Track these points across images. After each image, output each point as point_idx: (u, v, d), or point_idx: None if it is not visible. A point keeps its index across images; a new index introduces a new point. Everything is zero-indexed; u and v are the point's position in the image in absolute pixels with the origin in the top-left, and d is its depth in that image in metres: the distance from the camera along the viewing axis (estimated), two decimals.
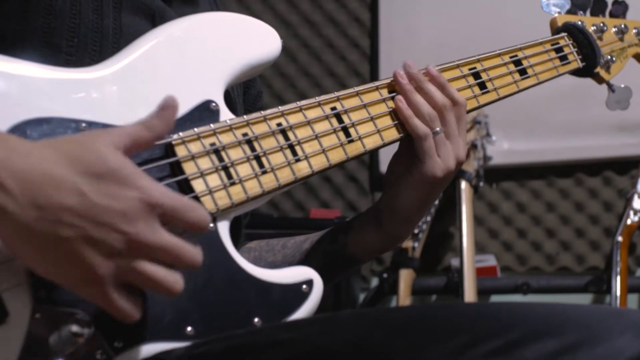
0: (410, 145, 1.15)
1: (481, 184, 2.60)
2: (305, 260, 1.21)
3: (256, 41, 1.09)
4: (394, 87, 1.17)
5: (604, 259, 2.69)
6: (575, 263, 2.73)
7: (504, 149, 2.71)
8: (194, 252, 0.85)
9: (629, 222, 2.53)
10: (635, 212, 2.53)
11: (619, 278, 2.45)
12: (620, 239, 2.51)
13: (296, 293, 1.02)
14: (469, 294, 2.40)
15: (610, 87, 1.41)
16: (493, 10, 2.73)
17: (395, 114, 1.15)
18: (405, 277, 2.61)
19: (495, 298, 2.72)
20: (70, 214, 0.79)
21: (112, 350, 0.89)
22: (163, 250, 0.83)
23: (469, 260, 2.44)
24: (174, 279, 0.84)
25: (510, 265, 2.78)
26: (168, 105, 0.89)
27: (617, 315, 0.89)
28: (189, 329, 0.94)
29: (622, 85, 1.41)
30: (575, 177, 2.74)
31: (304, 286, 1.02)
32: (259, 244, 1.30)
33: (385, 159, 2.84)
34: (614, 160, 2.70)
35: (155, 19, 1.11)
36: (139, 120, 0.88)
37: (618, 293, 2.44)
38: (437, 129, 1.13)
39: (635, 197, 2.54)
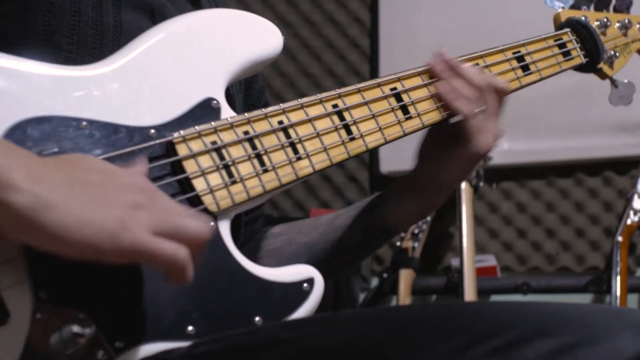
0: (453, 125, 1.19)
1: (481, 184, 2.60)
2: (343, 236, 1.24)
3: (258, 38, 1.09)
4: (395, 84, 1.16)
5: (604, 259, 2.69)
6: (575, 263, 2.73)
7: (504, 149, 2.70)
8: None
9: (629, 222, 2.53)
10: (635, 212, 2.53)
11: (619, 278, 2.45)
12: (620, 239, 2.51)
13: (297, 291, 1.01)
14: (469, 294, 2.40)
15: (614, 82, 1.41)
16: (493, 10, 2.73)
17: (403, 109, 1.16)
18: (405, 277, 2.62)
19: (495, 298, 2.72)
20: (97, 172, 0.83)
21: (113, 350, 0.89)
22: (182, 221, 0.85)
23: (469, 260, 2.44)
24: (199, 225, 0.86)
25: (510, 265, 2.78)
26: None
27: (616, 314, 0.89)
28: (190, 328, 0.94)
29: (626, 81, 1.41)
30: (575, 177, 2.75)
31: (305, 284, 1.02)
32: (285, 228, 1.31)
33: (385, 159, 2.85)
34: (614, 160, 2.70)
35: (155, 16, 1.11)
36: None
37: (618, 293, 2.44)
38: (479, 109, 1.18)
39: (635, 197, 2.54)
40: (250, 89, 1.31)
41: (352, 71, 2.94)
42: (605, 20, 1.40)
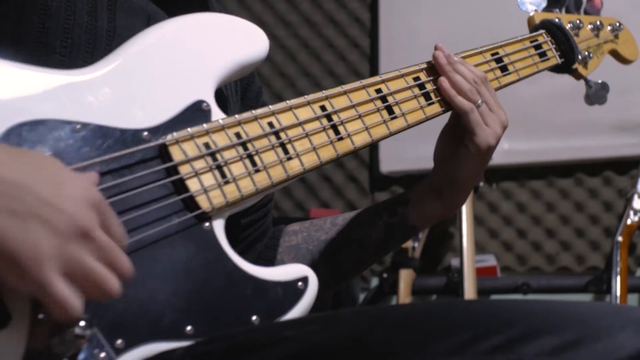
0: (457, 124, 1.22)
1: (481, 184, 2.60)
2: (364, 234, 1.26)
3: (244, 41, 1.10)
4: (380, 86, 1.18)
5: (604, 259, 2.70)
6: (575, 263, 2.73)
7: (504, 149, 2.71)
8: (127, 261, 0.85)
9: (629, 222, 2.54)
10: (635, 212, 2.53)
11: (619, 278, 2.46)
12: (620, 239, 2.52)
13: (292, 290, 1.02)
14: (469, 294, 2.40)
15: (588, 82, 1.43)
16: (493, 10, 2.73)
17: (388, 109, 1.17)
18: (405, 277, 2.62)
19: (495, 298, 2.72)
20: (19, 190, 0.78)
21: (113, 351, 0.89)
22: (107, 246, 0.82)
23: (469, 260, 2.45)
24: (114, 280, 0.83)
25: (510, 265, 2.78)
26: None
27: (617, 311, 0.89)
28: (189, 328, 0.94)
29: (600, 81, 1.43)
30: (575, 177, 2.75)
31: (300, 283, 1.03)
32: (303, 225, 1.33)
33: (385, 159, 2.85)
34: (614, 160, 2.70)
35: (150, 22, 1.11)
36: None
37: (618, 293, 2.44)
38: (479, 101, 1.20)
39: (635, 197, 2.54)
40: (248, 91, 1.32)
41: (352, 71, 2.95)
42: (577, 22, 1.42)
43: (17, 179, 0.79)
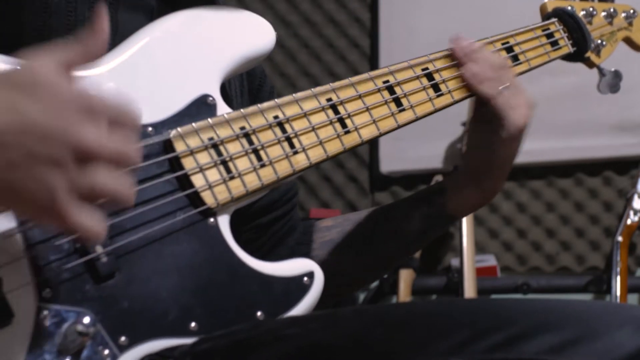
0: (483, 113, 1.21)
1: None
2: (402, 226, 1.25)
3: (250, 34, 1.10)
4: (388, 78, 1.17)
5: (604, 259, 2.70)
6: (575, 263, 2.73)
7: None
8: (135, 152, 0.82)
9: (629, 222, 2.54)
10: (635, 212, 2.53)
11: (619, 278, 2.46)
12: (620, 239, 2.51)
13: (298, 285, 1.02)
14: (469, 294, 2.40)
15: (601, 71, 1.42)
16: (493, 10, 2.73)
17: (396, 101, 1.16)
18: (405, 277, 2.62)
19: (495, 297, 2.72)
20: (7, 134, 0.75)
21: (117, 347, 0.89)
22: (110, 153, 0.79)
23: (469, 260, 2.45)
24: (127, 187, 0.80)
25: (510, 265, 2.78)
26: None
27: (616, 310, 0.90)
28: (193, 324, 0.94)
29: (613, 69, 1.42)
30: (575, 177, 2.75)
31: (305, 278, 1.03)
32: (336, 221, 1.32)
33: (385, 159, 2.85)
34: (614, 160, 2.70)
35: (153, 17, 1.11)
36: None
37: (618, 293, 2.44)
38: (504, 86, 1.20)
39: (635, 197, 2.54)
40: (261, 92, 1.32)
41: (352, 71, 2.94)
42: (591, 9, 1.41)
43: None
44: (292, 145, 1.05)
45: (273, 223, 1.30)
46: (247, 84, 1.28)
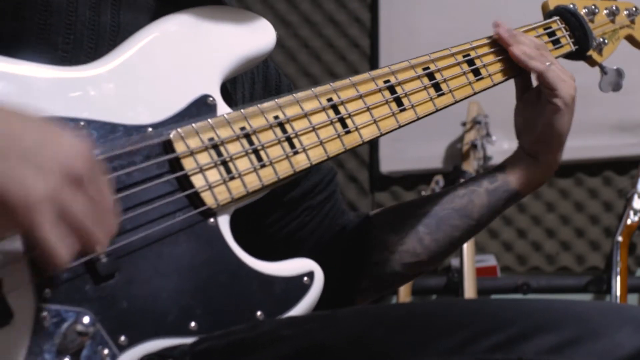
0: (530, 91, 1.30)
1: None
2: (467, 202, 1.29)
3: (251, 34, 1.10)
4: (389, 78, 1.17)
5: (604, 259, 2.70)
6: (575, 263, 2.73)
7: (504, 149, 2.70)
8: (115, 219, 0.84)
9: (629, 222, 2.54)
10: (635, 212, 2.53)
11: (619, 278, 2.46)
12: (620, 239, 2.52)
13: (297, 285, 1.02)
14: (469, 294, 2.40)
15: (603, 69, 1.42)
16: (493, 10, 2.73)
17: (397, 101, 1.16)
18: None
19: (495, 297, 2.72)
20: (10, 135, 0.78)
21: (117, 347, 0.89)
22: (97, 199, 0.81)
23: (469, 260, 2.45)
24: (101, 234, 0.82)
25: (510, 265, 2.78)
26: None
27: (616, 310, 0.90)
28: (193, 324, 0.94)
29: (615, 67, 1.42)
30: (575, 177, 2.75)
31: (305, 278, 1.03)
32: (394, 208, 1.35)
33: (385, 159, 2.85)
34: (614, 160, 2.70)
35: (155, 17, 1.10)
36: None
37: (618, 293, 2.44)
38: (549, 62, 1.27)
39: (635, 197, 2.54)
40: (280, 90, 1.31)
41: (352, 71, 2.94)
42: (593, 7, 1.41)
43: (8, 126, 0.78)
44: (292, 146, 1.05)
45: (324, 203, 1.31)
46: (262, 88, 1.28)
